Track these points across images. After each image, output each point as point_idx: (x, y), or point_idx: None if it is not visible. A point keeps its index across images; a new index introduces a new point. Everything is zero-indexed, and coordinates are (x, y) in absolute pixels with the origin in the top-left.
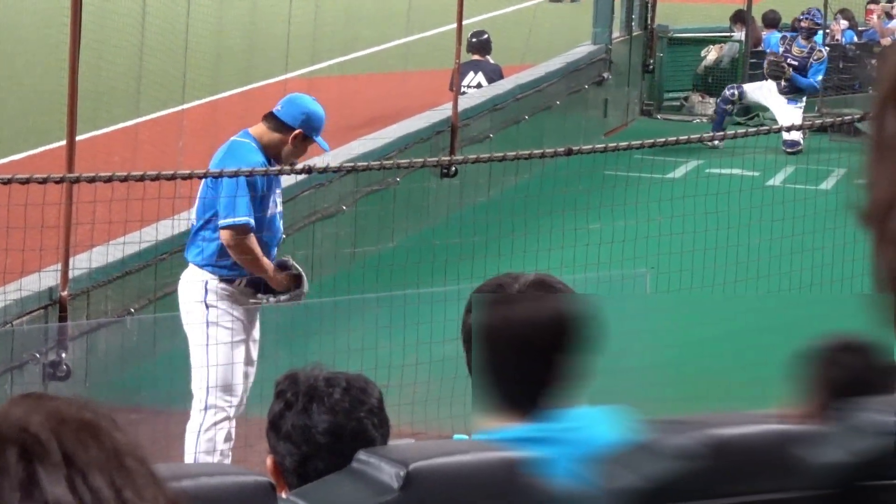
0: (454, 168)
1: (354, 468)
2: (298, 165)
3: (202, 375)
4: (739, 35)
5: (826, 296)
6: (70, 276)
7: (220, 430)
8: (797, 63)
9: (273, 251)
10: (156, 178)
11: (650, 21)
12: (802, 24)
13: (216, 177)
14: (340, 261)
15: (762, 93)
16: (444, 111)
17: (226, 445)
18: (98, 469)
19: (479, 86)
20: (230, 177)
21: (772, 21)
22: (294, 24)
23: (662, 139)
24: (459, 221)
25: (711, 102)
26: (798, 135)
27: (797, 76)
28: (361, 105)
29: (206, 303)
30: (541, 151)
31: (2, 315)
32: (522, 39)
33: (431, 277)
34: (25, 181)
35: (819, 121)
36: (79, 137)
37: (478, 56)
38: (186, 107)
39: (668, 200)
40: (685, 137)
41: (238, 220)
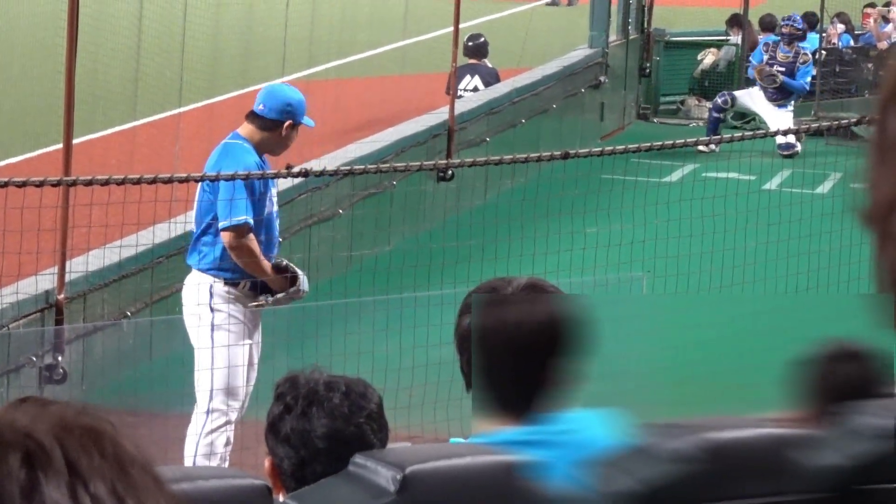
0: (451, 171)
1: (351, 471)
2: (295, 169)
3: (207, 378)
4: (736, 39)
5: (826, 298)
6: (66, 280)
7: (221, 435)
8: (784, 69)
9: (273, 251)
10: (153, 182)
11: (647, 24)
12: (784, 30)
13: (213, 180)
14: (337, 264)
15: (750, 99)
16: (441, 115)
17: (225, 450)
18: (100, 477)
19: (476, 89)
20: (228, 179)
21: (768, 25)
22: (290, 28)
23: (659, 143)
24: (456, 225)
25: (708, 106)
26: (792, 137)
27: (788, 80)
28: (358, 108)
29: (212, 306)
30: (537, 155)
31: None
32: (519, 43)
33: (428, 281)
34: (22, 184)
35: (815, 124)
36: (75, 140)
37: (474, 59)
38: (183, 110)
39: (665, 204)
40: (682, 141)
41: (237, 220)
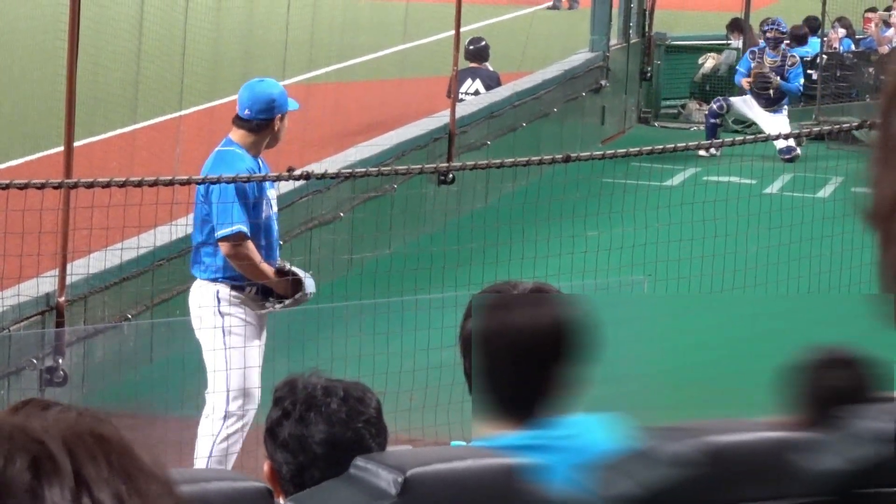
0: (451, 175)
1: (352, 474)
2: (296, 172)
3: (222, 381)
4: (736, 43)
5: (827, 301)
6: (67, 282)
7: (237, 442)
8: (774, 73)
9: (274, 254)
10: (154, 184)
11: (648, 29)
12: (768, 35)
13: (214, 182)
14: (338, 267)
15: (746, 106)
16: (442, 118)
17: (235, 455)
18: (106, 484)
19: (477, 93)
20: (228, 182)
21: None
22: (291, 31)
23: (660, 146)
24: (457, 228)
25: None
26: (792, 141)
27: (783, 83)
28: (358, 112)
29: (221, 311)
30: (538, 158)
31: None
32: (520, 47)
33: (429, 284)
34: (23, 186)
35: (816, 128)
36: (76, 143)
37: (475, 63)
38: (183, 113)
39: (666, 208)
40: (683, 145)
41: (232, 230)
